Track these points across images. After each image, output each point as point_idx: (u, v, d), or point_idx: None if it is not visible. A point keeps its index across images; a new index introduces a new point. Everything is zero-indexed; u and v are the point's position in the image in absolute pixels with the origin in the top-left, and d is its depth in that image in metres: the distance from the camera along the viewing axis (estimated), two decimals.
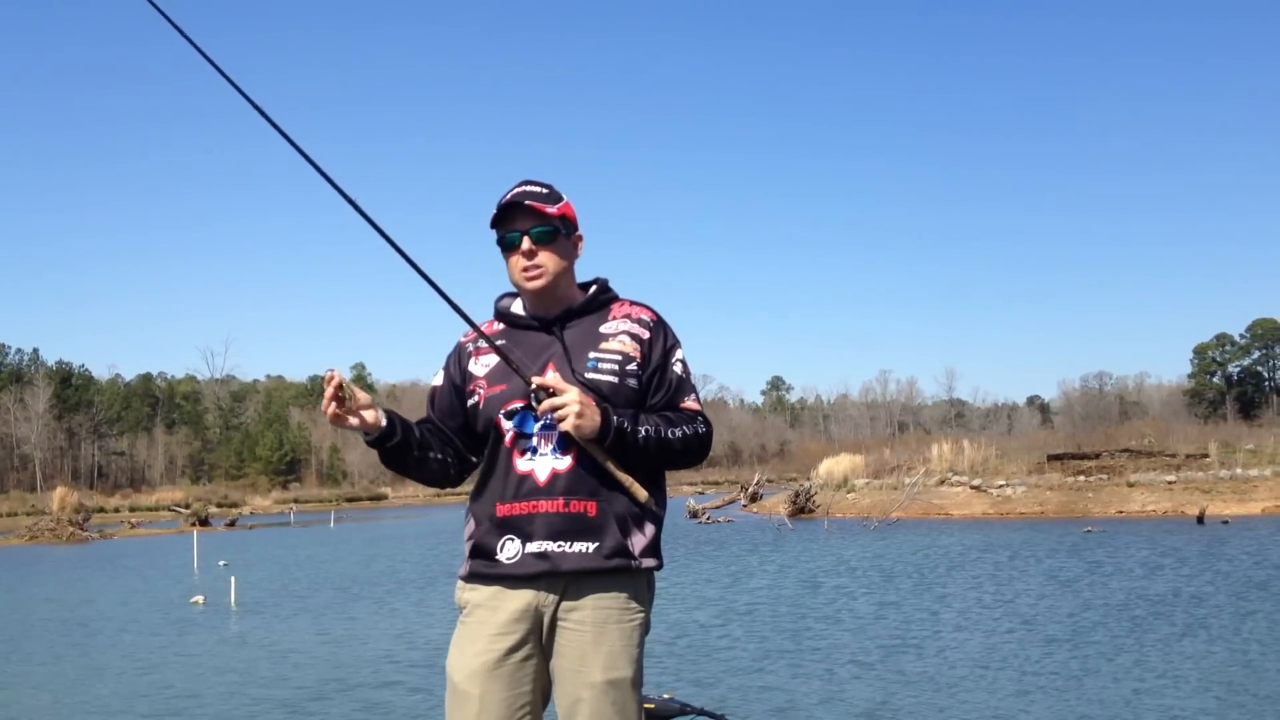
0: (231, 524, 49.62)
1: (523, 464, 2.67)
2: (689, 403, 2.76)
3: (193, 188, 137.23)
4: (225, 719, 8.60)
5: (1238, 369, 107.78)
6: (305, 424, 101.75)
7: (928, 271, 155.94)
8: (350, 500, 79.42)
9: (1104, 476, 35.26)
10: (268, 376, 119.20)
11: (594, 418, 2.58)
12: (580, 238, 2.84)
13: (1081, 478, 35.47)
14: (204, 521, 49.00)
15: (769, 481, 57.16)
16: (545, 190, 2.78)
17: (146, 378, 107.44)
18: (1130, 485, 34.15)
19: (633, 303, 2.85)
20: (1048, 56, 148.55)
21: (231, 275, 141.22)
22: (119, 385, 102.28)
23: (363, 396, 2.67)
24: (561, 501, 2.63)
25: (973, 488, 36.55)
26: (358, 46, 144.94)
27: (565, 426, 2.57)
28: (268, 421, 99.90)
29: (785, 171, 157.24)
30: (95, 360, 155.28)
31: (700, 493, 65.70)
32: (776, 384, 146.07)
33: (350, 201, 2.70)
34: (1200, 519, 28.25)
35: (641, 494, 2.63)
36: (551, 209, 2.74)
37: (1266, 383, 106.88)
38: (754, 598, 15.35)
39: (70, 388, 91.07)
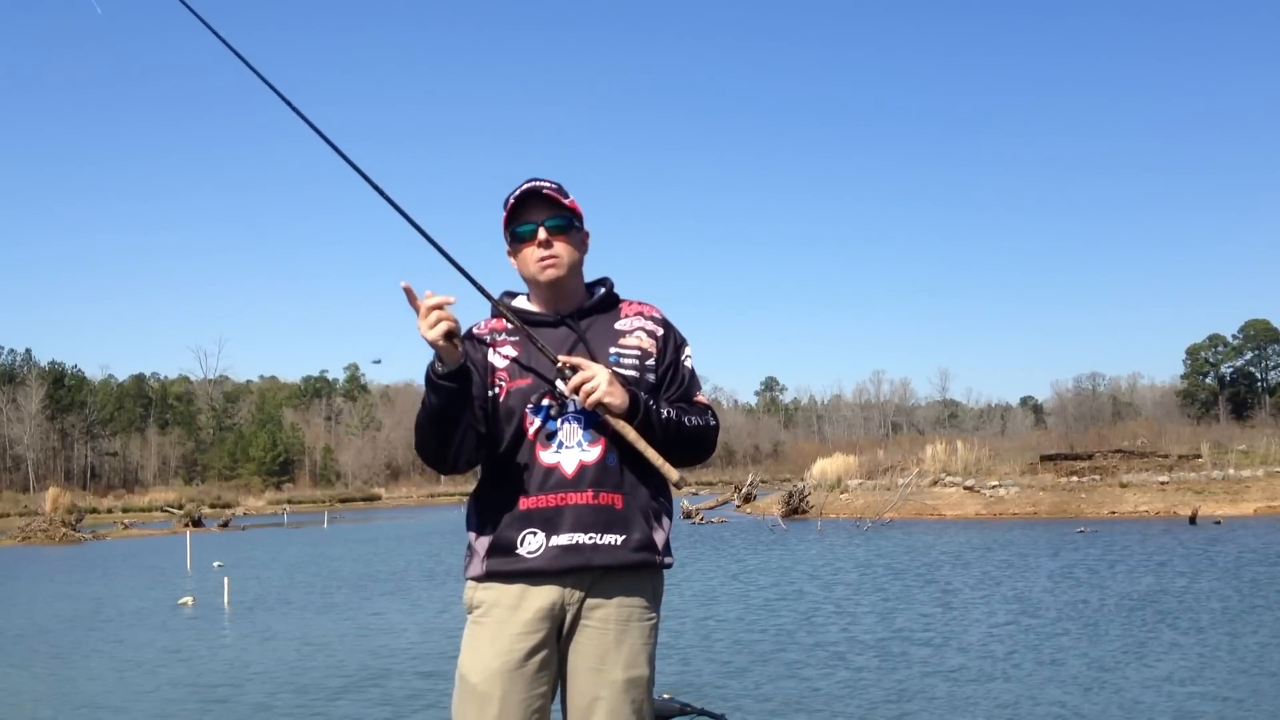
0: (224, 525, 49.50)
1: (548, 457, 2.65)
2: (700, 397, 2.83)
3: (185, 188, 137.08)
4: None
5: (1230, 370, 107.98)
6: (299, 425, 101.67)
7: (921, 272, 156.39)
8: (344, 501, 79.33)
9: (1097, 477, 35.33)
10: (261, 377, 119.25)
11: (623, 392, 2.61)
12: (588, 234, 2.86)
13: (1074, 478, 35.54)
14: (197, 522, 48.91)
15: (763, 482, 57.25)
16: (555, 185, 2.80)
17: (139, 378, 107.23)
18: (1123, 486, 34.23)
19: (639, 303, 2.89)
20: (1042, 57, 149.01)
21: (224, 275, 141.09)
22: (112, 386, 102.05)
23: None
24: (590, 494, 2.63)
25: (966, 488, 36.61)
26: (356, 47, 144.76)
27: (595, 398, 2.57)
28: (261, 422, 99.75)
29: (780, 172, 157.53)
30: (88, 361, 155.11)
31: (694, 493, 65.71)
32: (770, 384, 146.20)
33: (377, 188, 2.71)
34: (1193, 519, 28.33)
35: (673, 473, 2.66)
36: (565, 200, 2.77)
37: (1259, 383, 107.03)
38: (752, 598, 15.37)
39: (63, 388, 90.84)
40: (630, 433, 2.61)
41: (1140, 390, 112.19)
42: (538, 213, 2.74)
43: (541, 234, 2.72)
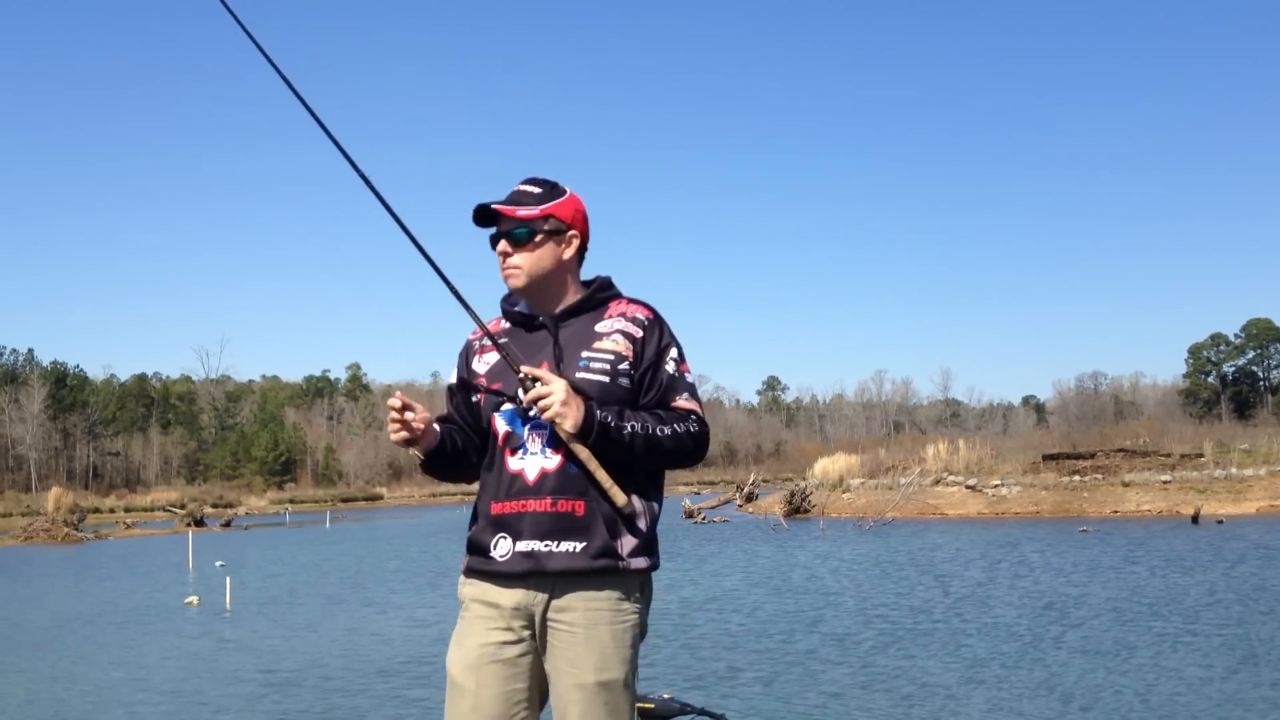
0: (226, 524, 49.52)
1: (514, 463, 2.70)
2: (681, 401, 2.72)
3: (187, 188, 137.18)
4: None
5: (1232, 369, 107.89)
6: (300, 424, 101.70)
7: (923, 271, 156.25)
8: (346, 500, 79.30)
9: (1099, 476, 35.30)
10: (263, 377, 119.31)
11: (577, 410, 2.59)
12: (574, 236, 2.81)
13: (1076, 477, 35.51)
14: (199, 522, 48.90)
15: (764, 481, 57.13)
16: (535, 190, 2.78)
17: (141, 378, 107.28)
18: (1125, 485, 34.20)
19: (630, 300, 2.82)
20: (1042, 57, 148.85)
21: (226, 275, 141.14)
22: (114, 386, 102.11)
23: (421, 413, 2.75)
24: (549, 501, 2.64)
25: (968, 488, 36.58)
26: (355, 46, 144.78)
27: (548, 416, 2.59)
28: (263, 422, 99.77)
29: (781, 171, 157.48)
30: (90, 361, 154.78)
31: (696, 493, 65.70)
32: (772, 384, 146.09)
33: (370, 186, 2.73)
34: (1195, 519, 28.32)
35: (620, 498, 2.61)
36: (527, 211, 2.75)
37: (1261, 382, 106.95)
38: (752, 597, 15.36)
39: (65, 388, 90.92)
40: (582, 452, 2.60)
41: (1142, 389, 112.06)
42: (502, 222, 2.78)
43: (501, 245, 2.77)
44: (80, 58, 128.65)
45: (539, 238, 2.76)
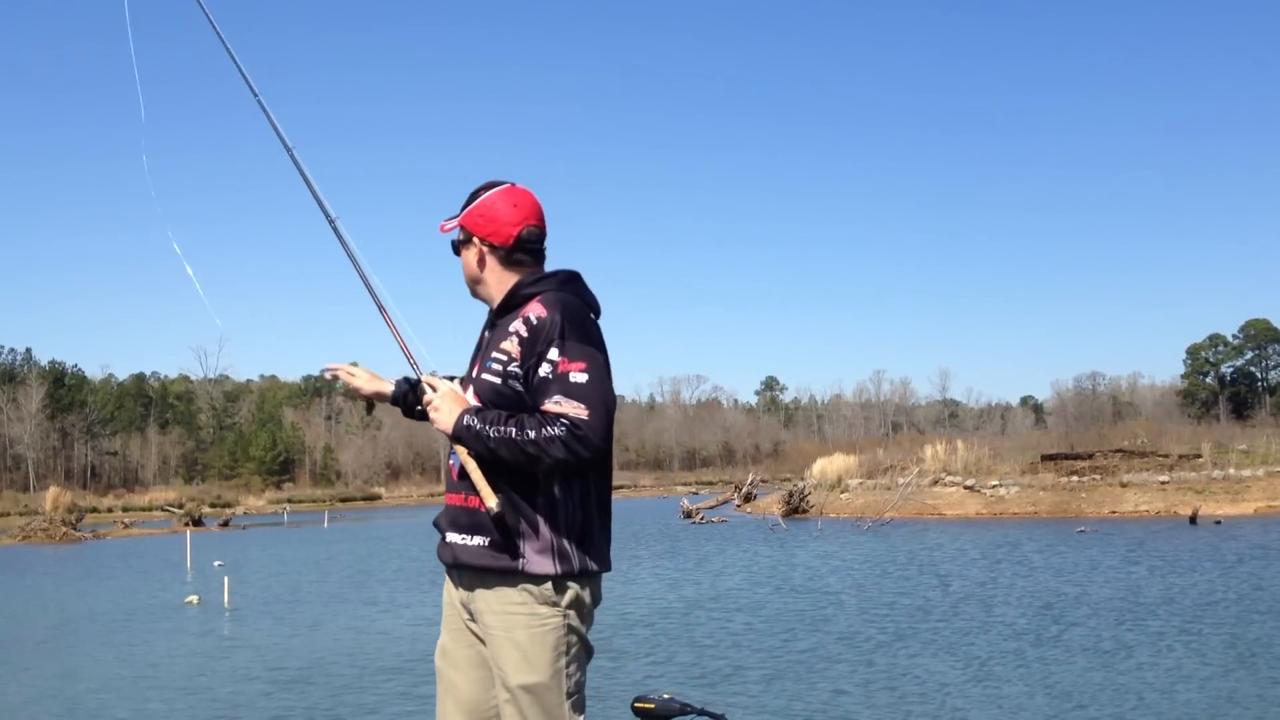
0: (225, 524, 49.47)
1: (451, 459, 2.83)
2: (549, 405, 2.60)
3: (186, 187, 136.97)
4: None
5: (1230, 369, 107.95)
6: (299, 424, 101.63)
7: (922, 272, 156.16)
8: (344, 500, 79.25)
9: (1097, 477, 35.32)
10: (261, 376, 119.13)
11: (447, 414, 2.72)
12: (476, 242, 2.84)
13: (1075, 478, 35.53)
14: (197, 522, 48.86)
15: (763, 482, 57.20)
16: (469, 200, 2.90)
17: (139, 378, 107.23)
18: (1123, 485, 34.23)
19: (542, 299, 2.73)
20: (1042, 57, 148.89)
21: (225, 275, 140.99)
22: (112, 385, 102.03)
23: (373, 383, 3.15)
24: (462, 495, 2.76)
25: (966, 488, 36.60)
26: (347, 45, 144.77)
27: (430, 419, 2.78)
28: (261, 421, 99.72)
29: (780, 171, 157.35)
30: (88, 360, 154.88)
31: (694, 493, 65.76)
32: (770, 384, 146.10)
33: (330, 218, 3.11)
34: (1193, 519, 28.35)
35: (489, 500, 2.63)
36: (449, 223, 2.90)
37: (1259, 383, 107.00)
38: (754, 596, 15.38)
39: (63, 388, 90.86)
40: (461, 453, 2.70)
41: (1140, 390, 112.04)
42: None
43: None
44: (80, 57, 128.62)
45: (459, 248, 2.91)
